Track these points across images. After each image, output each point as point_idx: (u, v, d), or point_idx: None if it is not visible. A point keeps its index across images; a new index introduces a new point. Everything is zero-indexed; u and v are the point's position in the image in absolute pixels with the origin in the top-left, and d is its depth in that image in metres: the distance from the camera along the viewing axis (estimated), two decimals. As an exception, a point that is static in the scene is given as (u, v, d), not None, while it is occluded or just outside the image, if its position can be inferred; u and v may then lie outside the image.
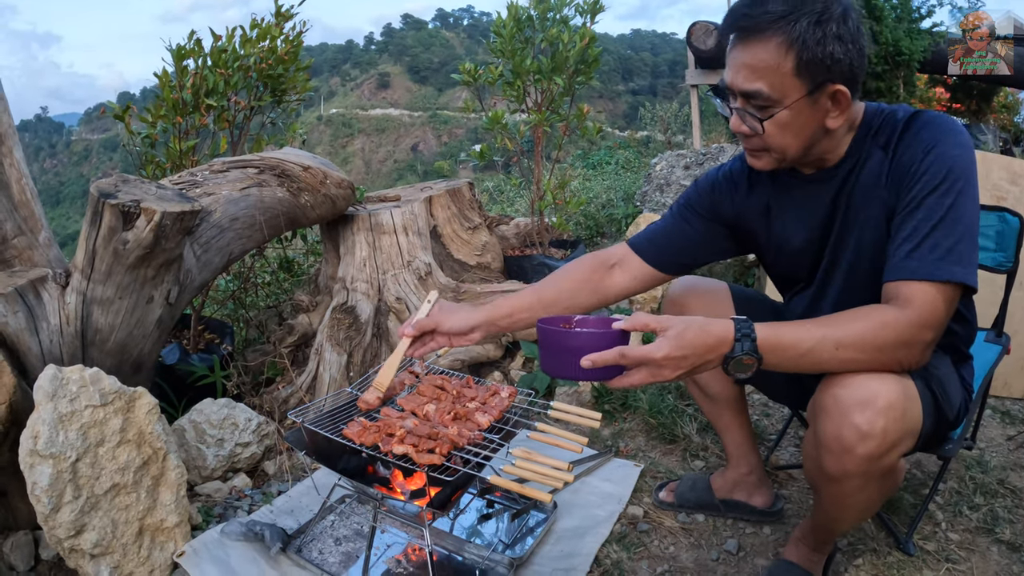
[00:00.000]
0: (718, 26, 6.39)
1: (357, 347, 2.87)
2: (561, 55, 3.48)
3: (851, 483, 1.36)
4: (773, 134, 1.36)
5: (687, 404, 2.63)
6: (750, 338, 1.24)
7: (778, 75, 1.29)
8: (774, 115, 1.33)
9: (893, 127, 1.40)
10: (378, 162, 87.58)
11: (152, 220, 1.96)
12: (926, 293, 1.26)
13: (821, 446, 1.35)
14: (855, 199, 1.45)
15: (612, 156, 8.23)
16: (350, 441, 1.59)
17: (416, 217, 3.16)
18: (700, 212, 1.70)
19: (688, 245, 1.71)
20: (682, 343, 1.23)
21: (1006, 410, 2.62)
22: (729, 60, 1.37)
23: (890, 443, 1.29)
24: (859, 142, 1.43)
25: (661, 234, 1.73)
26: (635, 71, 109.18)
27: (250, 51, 3.22)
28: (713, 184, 1.69)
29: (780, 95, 1.31)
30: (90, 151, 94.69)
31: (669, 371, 1.25)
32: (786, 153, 1.40)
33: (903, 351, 1.27)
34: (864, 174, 1.43)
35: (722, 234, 1.71)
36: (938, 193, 1.29)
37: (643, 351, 1.24)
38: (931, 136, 1.34)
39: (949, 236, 1.27)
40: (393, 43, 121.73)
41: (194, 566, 1.78)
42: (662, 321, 1.26)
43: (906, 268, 1.28)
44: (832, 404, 1.30)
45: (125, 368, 2.16)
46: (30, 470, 1.65)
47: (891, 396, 1.26)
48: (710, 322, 1.26)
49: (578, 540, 1.94)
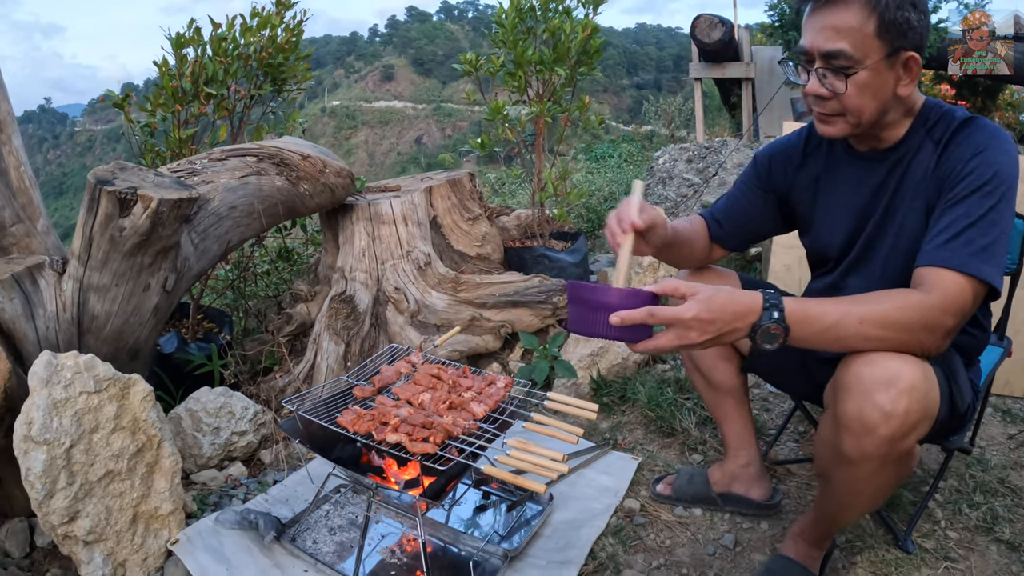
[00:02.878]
0: (723, 19, 6.37)
1: (355, 337, 2.86)
2: (563, 46, 3.45)
3: (868, 466, 1.36)
4: (853, 94, 1.39)
5: (686, 398, 2.62)
6: (778, 308, 1.25)
7: (861, 35, 1.33)
8: (855, 74, 1.36)
9: (948, 124, 1.43)
10: (381, 154, 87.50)
11: (149, 207, 1.95)
12: (954, 282, 1.28)
13: (841, 426, 1.34)
14: (903, 185, 1.48)
15: (615, 149, 8.20)
16: (344, 429, 1.58)
17: (416, 207, 3.14)
18: (759, 185, 1.75)
19: (748, 220, 1.77)
20: (711, 306, 1.23)
21: (1007, 409, 2.61)
22: (808, 25, 1.40)
23: (911, 425, 1.29)
24: (915, 130, 1.47)
25: (723, 210, 1.79)
26: (640, 65, 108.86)
27: (250, 40, 3.20)
28: (771, 157, 1.73)
29: (862, 55, 1.34)
30: (93, 142, 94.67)
31: (696, 334, 1.24)
32: (862, 116, 1.42)
33: (925, 334, 1.28)
34: (915, 163, 1.46)
35: (776, 206, 1.75)
36: (980, 194, 1.33)
37: (672, 311, 1.23)
38: (982, 140, 1.38)
39: (984, 236, 1.30)
40: (397, 35, 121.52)
41: (188, 554, 1.77)
42: (692, 286, 1.26)
43: (938, 256, 1.31)
44: (855, 383, 1.30)
45: (121, 356, 2.16)
46: (24, 456, 1.64)
47: (914, 377, 1.27)
48: (738, 291, 1.27)
49: (574, 533, 1.93)
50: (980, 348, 1.64)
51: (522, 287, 3.06)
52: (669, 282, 1.28)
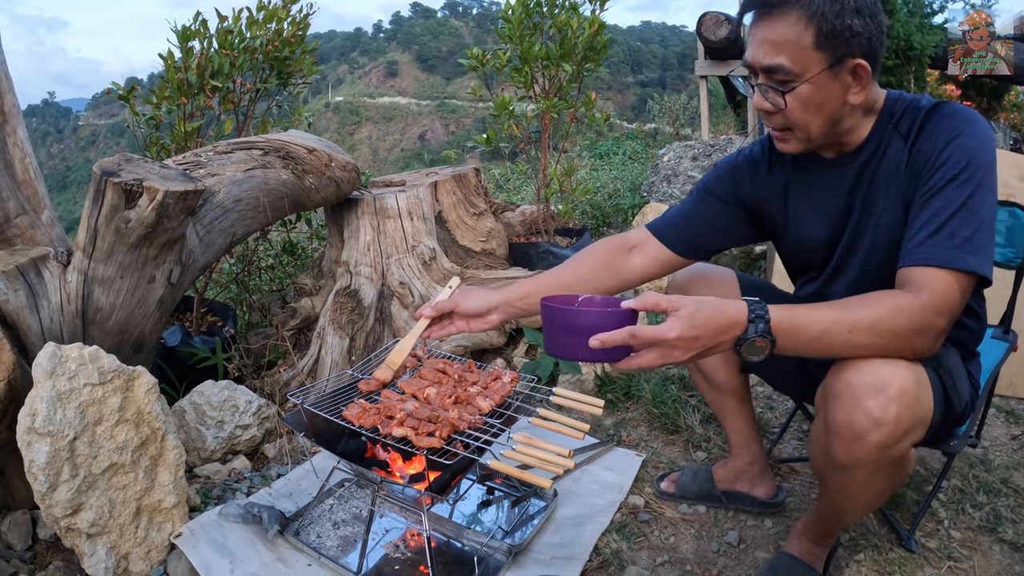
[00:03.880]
0: (729, 16, 6.34)
1: (360, 331, 2.86)
2: (570, 41, 3.45)
3: (861, 472, 1.34)
4: (795, 109, 1.36)
5: (690, 395, 2.62)
6: (764, 319, 1.21)
7: (798, 48, 1.30)
8: (795, 88, 1.33)
9: (915, 115, 1.39)
10: (385, 150, 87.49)
11: (155, 199, 1.94)
12: (941, 280, 1.24)
13: (831, 433, 1.32)
14: (875, 185, 1.44)
15: (619, 147, 8.18)
16: (349, 423, 1.58)
17: (421, 202, 3.14)
18: (720, 195, 1.69)
19: (708, 229, 1.70)
20: (695, 323, 1.20)
21: (1011, 409, 2.59)
22: (750, 38, 1.37)
23: (902, 431, 1.27)
24: (880, 127, 1.42)
25: (681, 217, 1.72)
26: (644, 63, 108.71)
27: (256, 33, 3.20)
28: (734, 167, 1.68)
29: (801, 68, 1.31)
30: (97, 136, 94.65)
31: (681, 352, 1.21)
32: (810, 130, 1.39)
33: (916, 337, 1.24)
34: (885, 161, 1.42)
35: (742, 218, 1.69)
36: (957, 183, 1.28)
37: (655, 331, 1.20)
38: (953, 126, 1.33)
39: (966, 226, 1.25)
40: (402, 31, 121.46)
41: (191, 547, 1.77)
42: (673, 301, 1.22)
43: (921, 254, 1.27)
44: (844, 389, 1.28)
45: (126, 348, 2.15)
46: (27, 448, 1.64)
47: (904, 382, 1.24)
48: (723, 302, 1.23)
49: (578, 529, 1.93)
50: (978, 338, 1.60)
51: (526, 283, 3.05)
52: (649, 297, 1.24)
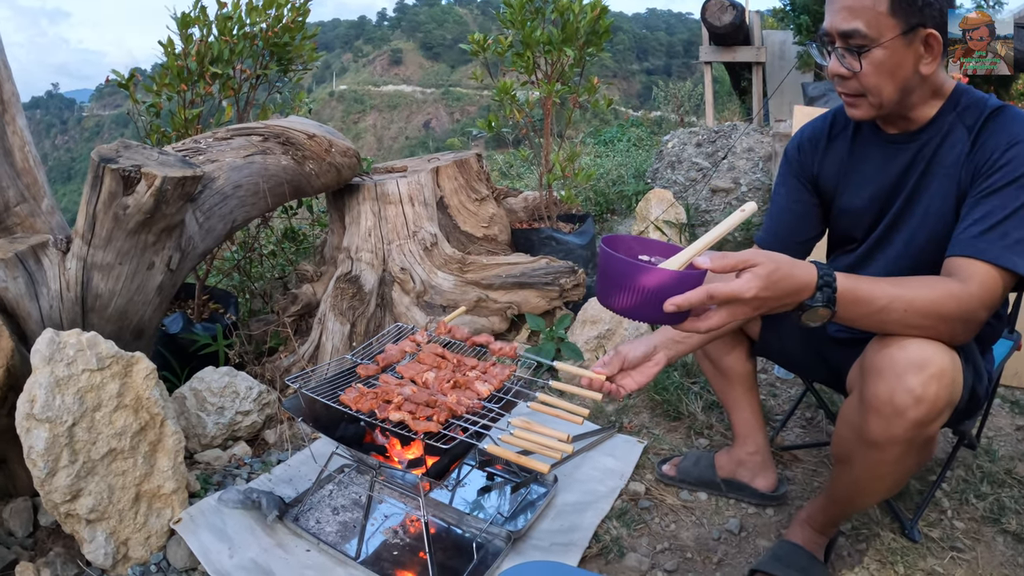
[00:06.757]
0: (734, 3, 6.28)
1: (360, 317, 2.85)
2: (571, 26, 3.41)
3: (893, 451, 1.35)
4: (869, 73, 1.38)
5: (693, 381, 2.60)
6: (831, 287, 1.21)
7: (874, 14, 1.34)
8: (870, 52, 1.36)
9: (980, 111, 1.42)
10: (390, 138, 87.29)
11: (153, 185, 1.93)
12: (988, 274, 1.28)
13: (870, 409, 1.33)
14: (933, 167, 1.46)
15: (624, 133, 8.13)
16: (347, 407, 1.57)
17: (423, 187, 3.12)
18: (794, 174, 1.72)
19: (795, 219, 1.73)
20: (770, 282, 1.16)
21: (1015, 400, 2.58)
22: (828, 6, 1.42)
23: (938, 411, 1.29)
24: (945, 112, 1.46)
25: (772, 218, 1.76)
26: (650, 50, 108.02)
27: (256, 19, 3.17)
28: (799, 144, 1.72)
29: (876, 33, 1.35)
30: (101, 127, 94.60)
31: (749, 310, 1.18)
32: (882, 96, 1.41)
33: (961, 324, 1.28)
34: (945, 146, 1.45)
35: (814, 194, 1.72)
36: (1017, 185, 1.32)
37: (732, 289, 1.15)
38: (1017, 131, 1.36)
39: (1019, 229, 1.29)
40: (406, 19, 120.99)
41: (190, 533, 1.77)
42: (747, 257, 1.17)
43: (974, 247, 1.30)
44: (888, 366, 1.29)
45: (125, 335, 2.15)
46: (26, 434, 1.64)
47: (943, 363, 1.27)
48: (795, 263, 1.20)
49: (578, 515, 1.92)
50: (996, 337, 1.65)
51: (529, 268, 3.04)
52: (724, 257, 1.16)
